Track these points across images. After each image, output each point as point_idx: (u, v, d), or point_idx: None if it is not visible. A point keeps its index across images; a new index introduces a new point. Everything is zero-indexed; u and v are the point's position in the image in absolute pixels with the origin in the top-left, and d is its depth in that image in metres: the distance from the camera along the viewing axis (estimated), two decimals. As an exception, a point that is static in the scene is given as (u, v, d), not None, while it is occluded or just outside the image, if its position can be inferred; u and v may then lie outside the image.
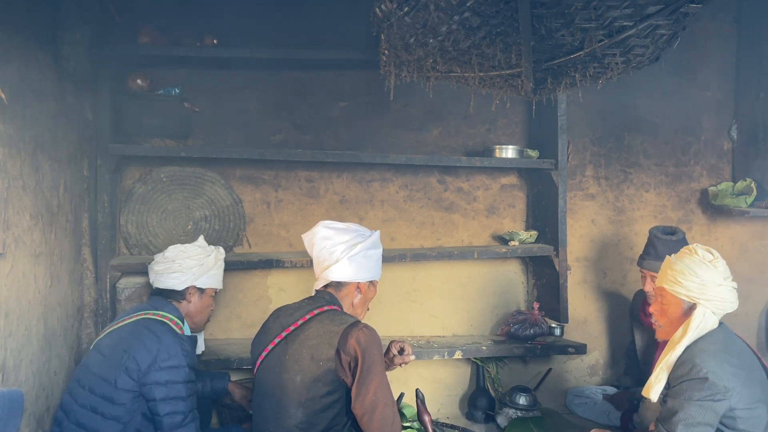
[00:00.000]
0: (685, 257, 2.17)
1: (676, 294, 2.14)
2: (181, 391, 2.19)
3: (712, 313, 2.10)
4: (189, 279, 2.43)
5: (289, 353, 2.08)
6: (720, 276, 2.10)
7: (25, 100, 2.21)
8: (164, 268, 2.44)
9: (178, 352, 2.21)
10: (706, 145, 3.73)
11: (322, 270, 2.22)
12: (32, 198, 2.27)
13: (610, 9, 1.84)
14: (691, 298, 2.11)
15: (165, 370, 2.17)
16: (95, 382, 2.19)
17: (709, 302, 2.09)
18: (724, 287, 2.10)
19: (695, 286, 2.10)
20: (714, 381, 1.96)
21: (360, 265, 2.21)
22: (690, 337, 2.08)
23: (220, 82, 3.28)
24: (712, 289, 2.08)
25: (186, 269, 2.42)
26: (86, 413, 2.16)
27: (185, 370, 2.22)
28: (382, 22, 2.23)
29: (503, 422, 3.12)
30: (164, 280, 2.43)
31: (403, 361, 2.31)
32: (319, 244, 2.23)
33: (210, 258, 2.50)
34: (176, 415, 2.18)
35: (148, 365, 2.16)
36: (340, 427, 2.04)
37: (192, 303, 2.47)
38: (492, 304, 3.55)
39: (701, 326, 2.09)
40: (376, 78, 2.73)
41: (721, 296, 2.09)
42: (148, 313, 2.33)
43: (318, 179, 3.40)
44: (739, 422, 1.98)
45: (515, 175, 3.60)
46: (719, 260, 2.14)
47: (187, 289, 2.45)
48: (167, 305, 2.40)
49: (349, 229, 2.26)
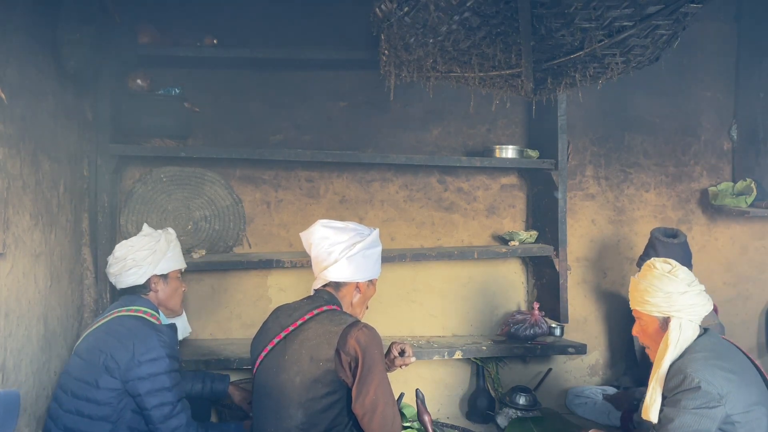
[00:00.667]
0: (647, 274, 2.23)
1: (649, 312, 2.20)
2: (165, 382, 2.18)
3: (689, 320, 2.13)
4: (147, 270, 2.39)
5: (288, 354, 2.07)
6: (682, 284, 2.15)
7: (25, 100, 2.21)
8: (119, 268, 2.39)
9: (155, 345, 2.19)
10: (706, 145, 3.73)
11: (321, 270, 2.21)
12: (32, 198, 2.27)
13: (610, 9, 1.84)
14: (662, 312, 2.16)
15: (145, 364, 2.15)
16: (77, 386, 2.17)
17: (679, 312, 2.13)
18: (690, 293, 2.14)
19: (661, 300, 2.15)
20: (707, 389, 1.96)
21: (359, 264, 2.19)
22: (673, 349, 2.11)
23: (220, 82, 3.28)
24: (677, 299, 2.13)
25: (140, 261, 2.38)
26: (72, 417, 2.15)
27: (165, 360, 2.19)
28: (382, 22, 2.23)
29: (503, 422, 3.12)
30: (124, 279, 2.39)
31: (404, 362, 2.29)
32: (317, 243, 2.21)
33: (161, 243, 2.45)
34: (164, 407, 2.17)
35: (127, 362, 2.14)
36: (341, 427, 2.03)
37: (160, 291, 2.44)
38: (492, 304, 3.55)
39: (681, 337, 2.12)
40: (376, 78, 2.73)
41: (689, 303, 2.13)
42: (121, 311, 2.30)
43: (318, 179, 3.40)
44: (738, 427, 1.98)
45: (515, 175, 3.60)
46: (678, 269, 2.19)
47: (150, 279, 2.41)
48: (138, 299, 2.38)
49: (347, 228, 2.23)
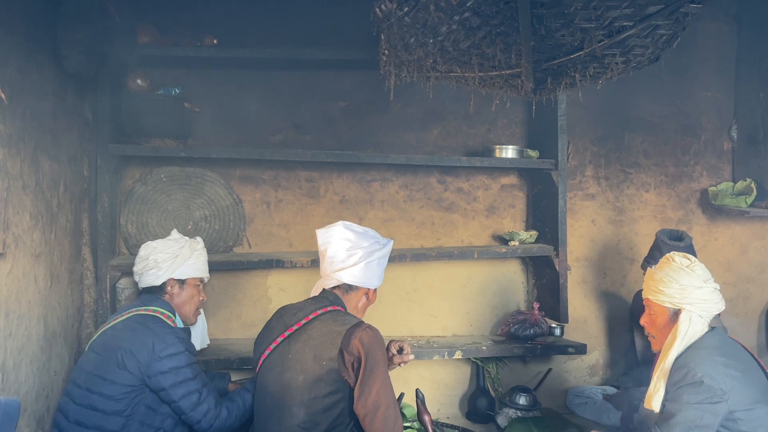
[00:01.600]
0: (665, 266, 2.25)
1: (660, 302, 2.22)
2: (187, 373, 2.22)
3: (699, 316, 2.14)
4: (165, 273, 2.45)
5: (292, 353, 2.08)
6: (699, 279, 2.17)
7: (25, 100, 2.21)
8: (141, 267, 2.47)
9: (173, 341, 2.24)
10: (706, 145, 3.73)
11: (336, 270, 2.21)
12: (32, 198, 2.27)
13: (610, 9, 1.84)
14: (674, 304, 2.18)
15: (165, 359, 2.19)
16: (92, 381, 2.20)
17: (692, 305, 2.15)
18: (705, 289, 2.15)
19: (676, 291, 2.17)
20: (710, 384, 1.97)
21: (373, 272, 2.24)
22: (680, 342, 2.13)
23: (220, 82, 3.28)
24: (692, 292, 2.15)
25: (160, 263, 2.45)
26: (85, 411, 2.17)
27: (185, 354, 2.24)
28: (382, 22, 2.22)
29: (503, 422, 3.12)
30: (144, 279, 2.46)
31: (402, 360, 2.30)
32: (337, 244, 2.22)
33: (185, 249, 2.51)
34: (192, 395, 2.21)
35: (147, 358, 2.18)
36: (342, 427, 2.04)
37: (175, 295, 2.48)
38: (492, 304, 3.55)
39: (690, 330, 2.13)
40: (376, 78, 2.72)
41: (702, 298, 2.15)
42: (139, 310, 2.35)
43: (318, 179, 3.40)
44: (740, 424, 1.99)
45: (515, 175, 3.60)
46: (696, 264, 2.22)
47: (167, 282, 2.46)
48: (156, 300, 2.43)
49: (367, 234, 2.27)
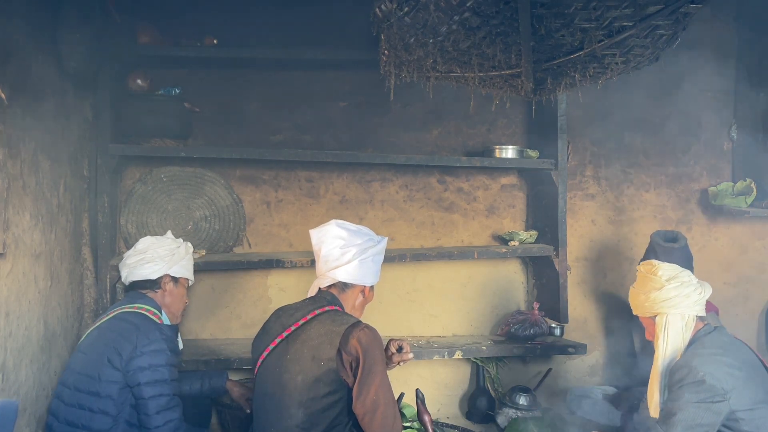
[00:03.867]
0: (637, 282, 2.32)
1: (642, 315, 2.29)
2: (164, 374, 2.24)
3: (675, 315, 2.16)
4: (162, 268, 2.46)
5: (290, 353, 2.08)
6: (660, 280, 2.20)
7: (25, 100, 2.21)
8: (137, 260, 2.47)
9: (157, 337, 2.26)
10: (706, 145, 3.73)
11: (330, 269, 2.21)
12: (32, 198, 2.27)
13: (609, 9, 1.84)
14: (653, 312, 2.22)
15: (146, 354, 2.21)
16: (79, 380, 2.22)
17: (661, 308, 2.19)
18: (667, 288, 2.19)
19: (643, 300, 2.23)
20: (712, 383, 1.98)
21: (368, 268, 2.24)
22: (663, 345, 2.16)
23: (220, 82, 3.28)
24: (655, 295, 2.19)
25: (159, 258, 2.46)
26: (74, 411, 2.19)
27: (166, 353, 2.26)
28: (382, 22, 2.22)
29: (503, 422, 3.12)
30: (138, 272, 2.46)
31: (401, 359, 2.30)
32: (330, 242, 2.22)
33: (180, 249, 2.55)
34: (161, 398, 2.22)
35: (129, 352, 2.20)
36: (341, 427, 2.04)
37: (168, 291, 2.50)
38: (492, 304, 3.55)
39: (670, 332, 2.16)
40: (376, 78, 2.72)
41: (665, 297, 2.18)
42: (125, 308, 2.37)
43: (318, 179, 3.40)
44: (742, 424, 1.99)
45: (515, 175, 3.60)
46: (658, 267, 2.25)
47: (162, 277, 2.48)
48: (142, 297, 2.44)
49: (361, 231, 2.27)
